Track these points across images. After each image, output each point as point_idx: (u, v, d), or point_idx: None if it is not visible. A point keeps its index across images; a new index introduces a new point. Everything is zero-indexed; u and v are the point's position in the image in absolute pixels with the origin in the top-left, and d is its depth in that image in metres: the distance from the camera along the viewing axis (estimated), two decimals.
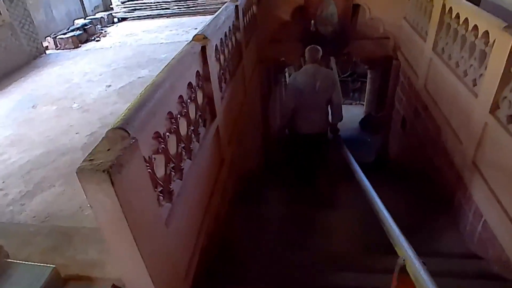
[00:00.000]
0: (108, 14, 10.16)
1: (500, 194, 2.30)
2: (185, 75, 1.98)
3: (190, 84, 2.05)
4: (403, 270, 1.29)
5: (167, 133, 1.67)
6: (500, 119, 2.29)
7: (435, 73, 3.63)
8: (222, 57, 2.98)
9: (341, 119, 4.16)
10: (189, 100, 2.02)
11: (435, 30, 3.58)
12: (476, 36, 2.70)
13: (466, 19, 2.88)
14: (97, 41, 8.29)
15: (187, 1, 10.24)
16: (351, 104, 13.43)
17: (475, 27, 2.71)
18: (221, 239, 2.62)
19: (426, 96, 3.88)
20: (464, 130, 2.85)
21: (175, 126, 1.77)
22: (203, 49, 2.30)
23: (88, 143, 3.51)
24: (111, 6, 11.18)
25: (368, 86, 10.24)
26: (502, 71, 2.24)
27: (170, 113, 1.71)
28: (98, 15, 9.98)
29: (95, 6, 11.01)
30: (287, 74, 14.28)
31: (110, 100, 4.78)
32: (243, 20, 3.97)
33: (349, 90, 14.99)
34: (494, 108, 2.37)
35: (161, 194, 1.59)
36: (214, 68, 2.53)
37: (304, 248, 2.68)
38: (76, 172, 1.10)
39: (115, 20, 10.29)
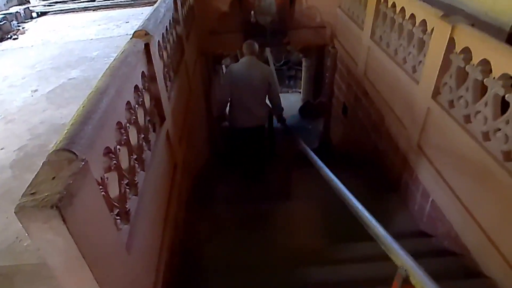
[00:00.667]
0: (25, 8, 9.08)
1: (446, 174, 2.44)
2: (131, 77, 1.77)
3: (136, 87, 1.84)
4: (406, 281, 1.26)
5: (118, 146, 1.48)
6: (442, 104, 2.41)
7: (374, 60, 3.76)
8: (165, 53, 2.76)
9: (282, 109, 4.14)
10: (137, 106, 1.82)
11: (372, 19, 3.69)
12: (413, 25, 2.81)
13: (403, 8, 2.98)
14: (15, 39, 7.38)
15: None
16: (287, 92, 13.72)
17: (412, 16, 2.82)
18: (183, 249, 2.46)
19: (367, 83, 4.01)
20: (407, 116, 2.98)
21: (125, 137, 1.57)
22: (147, 46, 2.09)
23: (18, 160, 3.07)
24: None
25: (303, 74, 10.49)
26: (441, 59, 2.35)
27: (119, 123, 1.51)
28: (12, 10, 8.85)
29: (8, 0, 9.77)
30: (223, 66, 14.11)
31: (39, 107, 4.21)
32: (182, 12, 3.74)
33: (284, 78, 15.31)
34: (436, 93, 2.49)
35: (117, 217, 1.40)
36: (159, 67, 2.32)
37: (264, 247, 2.61)
38: (15, 212, 0.89)
39: (34, 15, 9.23)
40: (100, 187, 1.22)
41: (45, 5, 9.52)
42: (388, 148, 3.50)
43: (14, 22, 8.29)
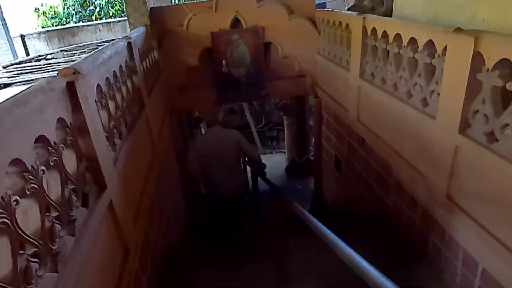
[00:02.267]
0: None
1: (500, 231, 1.82)
2: (30, 123, 1.15)
3: (42, 139, 1.22)
4: None
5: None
6: (476, 139, 1.88)
7: (368, 101, 3.31)
8: (112, 103, 2.19)
9: (264, 167, 4.01)
10: (43, 168, 1.18)
11: (359, 56, 3.31)
12: (415, 51, 2.39)
13: (398, 35, 2.59)
14: None
15: None
16: (271, 153, 13.34)
17: (412, 41, 2.41)
18: None
19: (361, 129, 3.52)
20: (424, 160, 2.43)
21: (8, 220, 0.91)
22: (71, 86, 1.51)
23: None
24: None
25: (286, 132, 10.11)
26: (466, 81, 1.87)
27: None
28: None
29: None
30: (203, 130, 13.80)
31: None
32: (141, 63, 3.27)
33: (266, 139, 15.09)
34: (464, 127, 1.97)
35: None
36: (95, 117, 1.72)
37: None
38: None
39: None
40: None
41: (9, 77, 9.07)
42: (400, 203, 2.90)
43: None
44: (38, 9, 13.90)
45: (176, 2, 12.19)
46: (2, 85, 9.55)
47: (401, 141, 2.77)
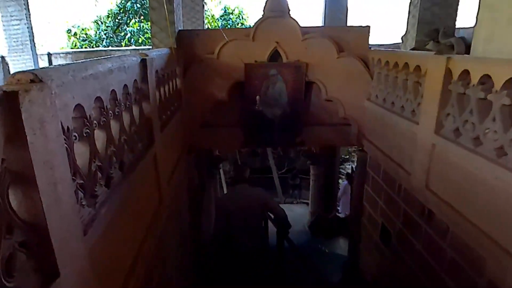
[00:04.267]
0: None
1: None
2: None
3: None
4: None
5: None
6: None
7: (447, 165, 2.55)
8: (102, 134, 1.55)
9: (289, 227, 3.98)
10: None
11: (436, 106, 2.61)
12: None
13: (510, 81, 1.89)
14: None
15: None
16: (292, 202, 12.45)
17: None
18: None
19: (431, 200, 2.74)
20: None
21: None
22: (12, 100, 0.87)
23: None
24: None
25: (312, 183, 9.28)
26: None
27: None
28: None
29: None
30: (221, 171, 13.15)
31: None
32: (157, 89, 2.68)
33: (288, 187, 14.22)
34: None
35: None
36: (55, 155, 1.06)
37: None
38: None
39: None
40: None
41: None
42: None
43: None
44: (70, 30, 14.17)
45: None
46: None
47: (497, 223, 1.98)
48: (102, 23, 14.02)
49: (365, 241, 4.52)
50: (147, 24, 13.39)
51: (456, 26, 5.35)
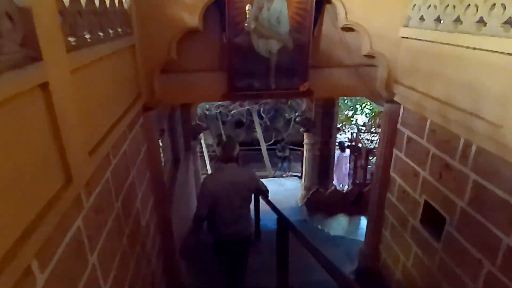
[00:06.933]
0: None
1: None
2: None
3: None
4: None
5: None
6: None
7: None
8: None
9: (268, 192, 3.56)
10: None
11: None
12: None
13: None
14: None
15: None
16: (282, 176, 11.47)
17: None
18: None
19: None
20: None
21: None
22: None
23: None
24: None
25: (306, 154, 8.17)
26: None
27: None
28: None
29: None
30: (202, 141, 11.92)
31: None
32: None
33: (275, 160, 13.32)
34: None
35: None
36: None
37: None
38: None
39: None
40: None
41: None
42: None
43: None
44: None
45: None
46: None
47: None
48: None
49: (393, 228, 3.44)
50: None
51: None
